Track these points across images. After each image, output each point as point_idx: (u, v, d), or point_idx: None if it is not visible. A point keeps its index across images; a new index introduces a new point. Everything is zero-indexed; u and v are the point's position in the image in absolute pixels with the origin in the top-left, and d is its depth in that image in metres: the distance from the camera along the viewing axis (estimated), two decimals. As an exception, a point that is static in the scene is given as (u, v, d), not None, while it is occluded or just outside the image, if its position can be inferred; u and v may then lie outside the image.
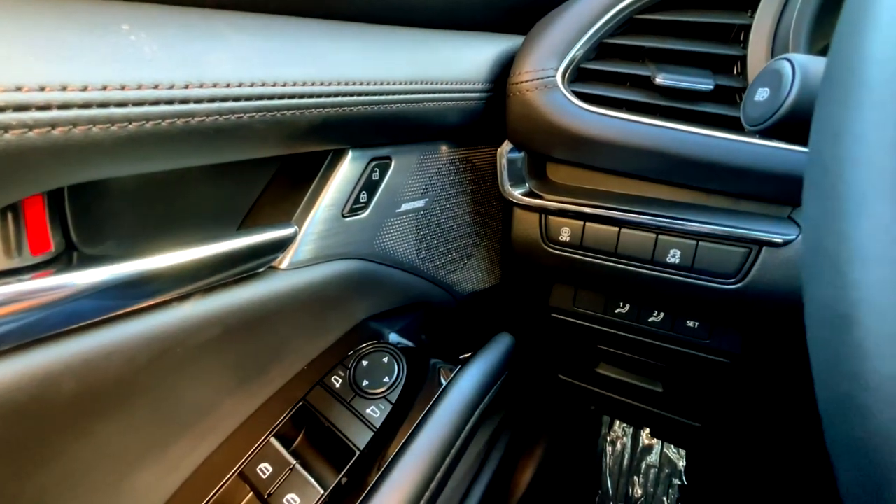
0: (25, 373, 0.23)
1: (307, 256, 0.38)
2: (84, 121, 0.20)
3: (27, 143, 0.19)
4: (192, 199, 0.35)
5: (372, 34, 0.36)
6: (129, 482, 0.34)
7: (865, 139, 0.13)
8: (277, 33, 0.29)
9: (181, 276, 0.29)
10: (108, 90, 0.20)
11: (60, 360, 0.25)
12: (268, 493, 0.35)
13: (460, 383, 0.40)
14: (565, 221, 0.49)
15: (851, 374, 0.12)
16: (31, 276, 0.23)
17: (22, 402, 0.24)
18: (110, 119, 0.21)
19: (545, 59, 0.43)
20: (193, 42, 0.24)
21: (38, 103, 0.19)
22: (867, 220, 0.12)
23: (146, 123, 0.22)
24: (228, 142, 0.27)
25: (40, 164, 0.20)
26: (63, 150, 0.20)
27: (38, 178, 0.21)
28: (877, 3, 0.14)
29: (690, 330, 0.51)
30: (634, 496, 1.12)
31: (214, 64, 0.24)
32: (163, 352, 0.30)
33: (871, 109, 0.13)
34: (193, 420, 0.36)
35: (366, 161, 0.40)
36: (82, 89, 0.20)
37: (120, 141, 0.22)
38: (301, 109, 0.29)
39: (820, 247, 0.14)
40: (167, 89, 0.22)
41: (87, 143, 0.20)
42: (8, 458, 0.26)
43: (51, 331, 0.24)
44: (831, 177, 0.14)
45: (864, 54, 0.14)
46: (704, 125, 0.41)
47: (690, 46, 0.42)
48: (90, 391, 0.27)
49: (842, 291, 0.13)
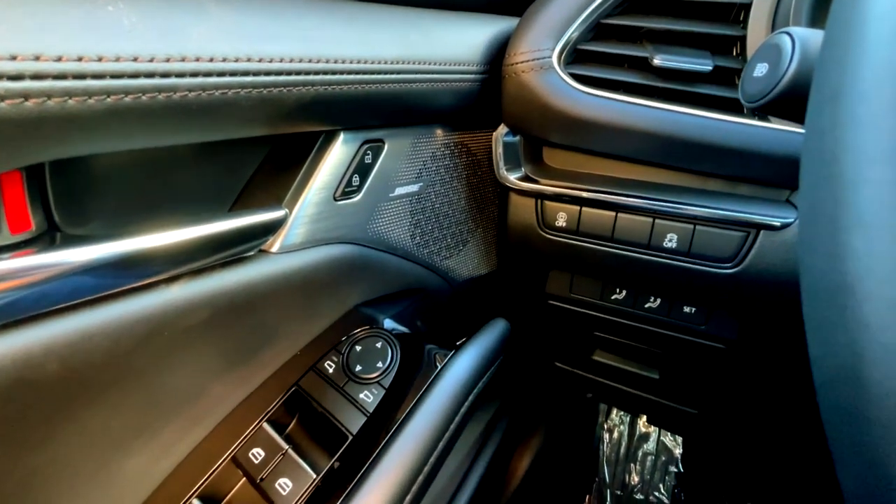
0: (6, 354, 0.23)
1: (298, 240, 0.37)
2: (59, 92, 0.19)
3: (6, 118, 0.18)
4: (181, 179, 0.34)
5: (364, 12, 0.35)
6: (119, 467, 0.33)
7: (866, 98, 0.12)
8: (264, 8, 0.28)
9: (168, 258, 0.29)
10: (83, 61, 0.20)
11: (41, 342, 0.24)
12: (260, 478, 0.35)
13: (454, 368, 0.40)
14: (562, 206, 0.48)
15: (850, 346, 0.12)
16: (9, 255, 0.23)
17: (5, 384, 0.23)
18: (87, 91, 0.20)
19: (541, 39, 0.42)
20: (176, 14, 0.24)
21: (10, 73, 0.18)
22: (868, 185, 0.12)
23: (125, 97, 0.21)
24: (214, 119, 0.26)
25: (13, 137, 0.19)
26: (37, 124, 0.19)
27: (12, 153, 0.20)
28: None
29: (687, 316, 0.51)
30: (631, 483, 1.13)
31: (198, 37, 0.24)
32: (149, 335, 0.29)
33: (872, 68, 0.12)
34: (185, 405, 0.36)
35: (358, 144, 0.39)
36: (56, 59, 0.19)
37: (97, 115, 0.21)
38: (289, 87, 0.28)
39: (818, 215, 0.13)
40: (147, 62, 0.22)
41: (63, 117, 0.20)
42: (-6, 441, 0.26)
43: (31, 311, 0.23)
44: (829, 141, 0.13)
45: (864, 12, 0.13)
46: (703, 107, 0.40)
47: (689, 26, 0.41)
48: (75, 374, 0.26)
49: (841, 261, 0.12)
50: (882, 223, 0.11)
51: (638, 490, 1.13)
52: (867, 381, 0.11)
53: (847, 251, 0.12)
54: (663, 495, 1.10)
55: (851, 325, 0.12)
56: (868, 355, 0.11)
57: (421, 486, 0.35)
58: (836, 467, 0.13)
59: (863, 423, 0.12)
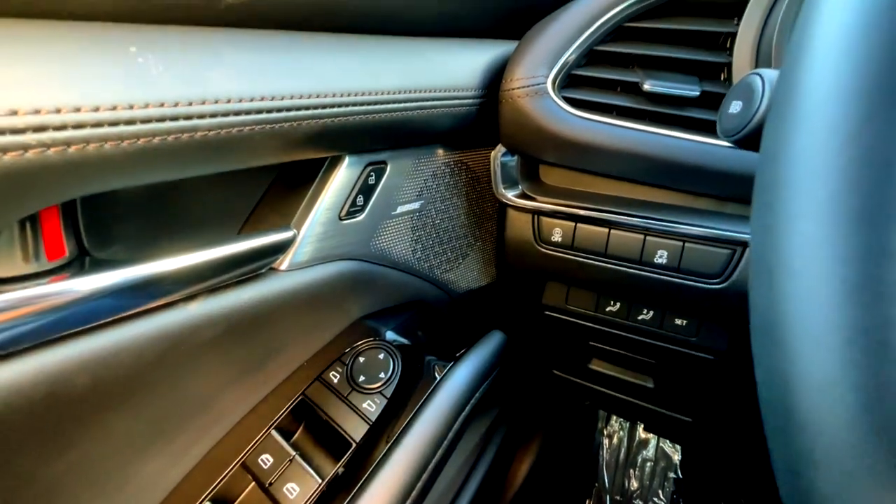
0: (42, 370, 0.25)
1: (306, 258, 0.39)
2: (97, 138, 0.22)
3: (46, 160, 0.20)
4: (197, 204, 0.36)
5: (366, 45, 0.37)
6: (137, 472, 0.36)
7: (798, 164, 0.14)
8: (274, 48, 0.30)
9: (187, 278, 0.31)
10: (118, 110, 0.22)
11: (74, 358, 0.26)
12: (269, 483, 0.37)
13: (453, 378, 0.42)
14: (557, 223, 0.50)
15: (784, 378, 0.14)
16: (47, 280, 0.25)
17: (39, 396, 0.26)
18: (121, 136, 0.22)
19: (536, 66, 0.44)
20: (195, 60, 0.26)
21: (55, 124, 0.20)
22: (796, 237, 0.14)
23: (154, 139, 0.24)
24: (230, 153, 0.29)
25: (57, 178, 0.22)
26: (78, 166, 0.22)
27: (54, 191, 0.22)
28: (815, 36, 0.15)
29: (679, 327, 0.53)
30: (630, 489, 1.14)
31: (215, 80, 0.26)
32: (169, 349, 0.32)
33: (804, 136, 0.14)
34: (198, 414, 0.38)
35: (362, 166, 0.41)
36: (94, 109, 0.21)
37: (130, 156, 0.23)
38: (298, 121, 0.30)
39: (760, 257, 0.15)
40: (172, 106, 0.24)
41: (100, 159, 0.22)
42: (26, 448, 0.28)
43: (66, 330, 0.26)
44: (769, 195, 0.15)
45: (800, 84, 0.15)
46: (691, 130, 0.42)
47: (677, 53, 0.43)
48: (102, 387, 0.29)
49: (774, 300, 0.14)
50: (806, 271, 0.13)
51: (637, 496, 1.14)
52: (794, 409, 0.13)
53: (779, 294, 0.14)
54: (662, 501, 1.11)
55: (784, 357, 0.14)
56: (795, 386, 0.13)
57: (420, 491, 0.37)
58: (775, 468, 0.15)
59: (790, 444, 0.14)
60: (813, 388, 0.13)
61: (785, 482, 0.14)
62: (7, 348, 0.24)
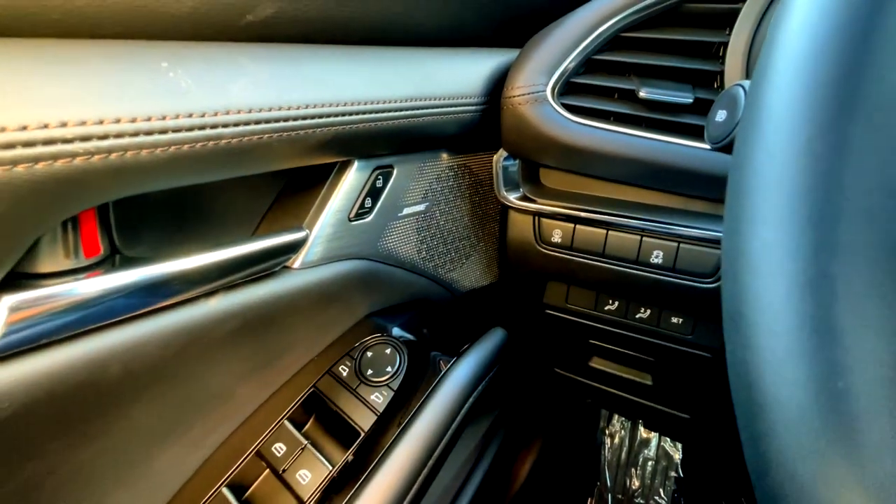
0: (80, 357, 0.27)
1: (317, 257, 0.41)
2: (134, 147, 0.24)
3: (90, 167, 0.23)
4: (216, 206, 0.39)
5: (375, 56, 0.39)
6: (158, 458, 0.38)
7: (758, 174, 0.16)
8: (291, 61, 0.33)
9: (208, 275, 0.33)
10: (152, 120, 0.24)
11: (108, 348, 0.29)
12: (282, 470, 0.40)
13: (456, 373, 0.44)
14: (557, 224, 0.52)
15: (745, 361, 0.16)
16: (85, 275, 0.27)
17: (76, 384, 0.28)
18: (155, 144, 0.25)
19: (536, 74, 0.46)
20: (220, 74, 0.28)
21: (99, 134, 0.23)
22: (756, 239, 0.16)
23: (183, 147, 0.26)
24: (250, 159, 0.31)
25: (99, 183, 0.24)
26: (117, 172, 0.24)
27: (95, 195, 0.25)
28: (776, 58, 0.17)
29: (675, 326, 0.54)
30: (632, 487, 1.15)
31: (238, 92, 0.28)
32: (191, 342, 0.34)
33: (763, 149, 0.16)
34: (215, 404, 0.40)
35: (370, 170, 0.43)
36: (132, 120, 0.24)
37: (162, 162, 0.25)
38: (313, 128, 0.33)
39: (727, 256, 0.17)
40: (200, 117, 0.26)
41: (136, 165, 0.24)
42: (60, 434, 0.30)
43: (101, 322, 0.28)
44: (735, 201, 0.17)
45: (761, 102, 0.17)
46: (685, 135, 0.44)
47: (672, 62, 0.45)
48: (131, 377, 0.31)
49: (738, 293, 0.16)
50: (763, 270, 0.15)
51: (638, 494, 1.15)
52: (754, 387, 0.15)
53: (741, 288, 0.16)
54: (664, 500, 1.12)
55: (745, 344, 0.16)
56: (754, 367, 0.15)
57: (426, 478, 0.39)
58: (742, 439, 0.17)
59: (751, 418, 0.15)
60: (768, 369, 0.15)
61: (748, 451, 0.16)
62: (49, 337, 0.26)
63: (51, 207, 0.23)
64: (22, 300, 0.24)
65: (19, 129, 0.20)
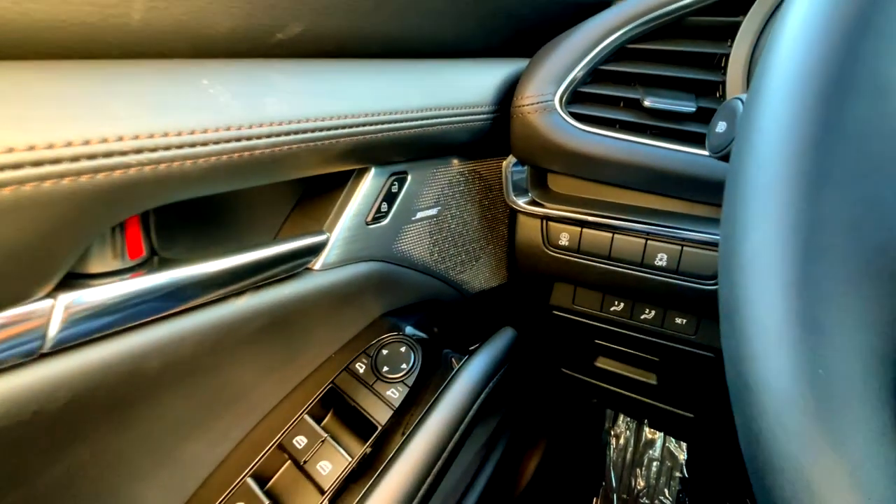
0: (125, 351, 0.30)
1: (336, 259, 0.44)
2: (180, 158, 0.26)
3: (142, 177, 0.25)
4: (242, 210, 0.41)
5: (392, 68, 0.41)
6: (188, 448, 0.40)
7: (750, 184, 0.18)
8: (316, 75, 0.35)
9: (237, 276, 0.36)
10: (196, 134, 0.27)
11: (149, 342, 0.31)
12: (303, 461, 0.42)
13: (468, 370, 0.46)
14: (564, 228, 0.54)
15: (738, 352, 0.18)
16: (129, 275, 0.30)
17: (121, 376, 0.30)
18: (197, 156, 0.27)
19: (545, 84, 0.48)
20: (254, 89, 0.30)
21: (150, 146, 0.25)
22: (748, 244, 0.18)
23: (222, 157, 0.28)
24: (279, 167, 0.33)
25: (147, 191, 0.26)
26: (163, 181, 0.26)
27: (143, 202, 0.27)
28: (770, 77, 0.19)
29: (679, 326, 0.56)
30: (637, 488, 1.17)
31: (270, 106, 0.31)
32: (221, 339, 0.36)
33: (754, 163, 0.18)
34: (241, 398, 0.42)
35: (386, 176, 0.45)
36: (178, 134, 0.26)
37: (202, 171, 0.28)
38: (336, 138, 0.35)
39: (723, 259, 0.19)
40: (237, 129, 0.28)
41: (180, 175, 0.27)
42: (104, 422, 0.32)
43: (143, 318, 0.30)
44: (730, 209, 0.19)
45: (754, 120, 0.19)
46: (688, 143, 0.46)
47: (675, 72, 0.47)
48: (168, 370, 0.33)
49: (732, 291, 0.18)
50: (756, 267, 0.17)
51: (643, 494, 1.16)
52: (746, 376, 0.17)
53: (735, 287, 0.18)
54: (668, 500, 1.13)
55: (739, 336, 0.18)
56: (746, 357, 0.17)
57: (440, 470, 0.41)
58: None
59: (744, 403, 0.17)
60: (759, 358, 0.17)
61: (741, 432, 0.18)
62: (99, 332, 0.28)
63: (105, 213, 0.25)
64: (76, 298, 0.27)
65: (83, 143, 0.23)
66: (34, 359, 0.26)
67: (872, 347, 0.16)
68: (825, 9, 0.19)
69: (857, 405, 0.16)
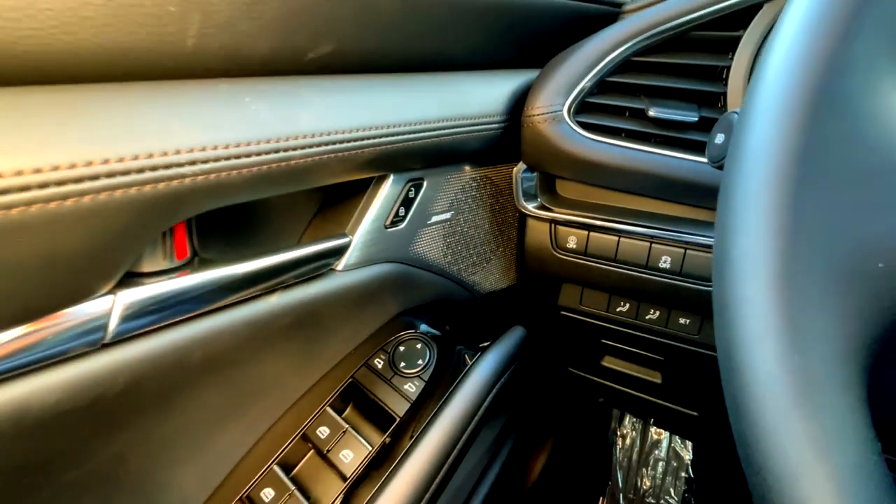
0: (172, 343, 0.33)
1: (357, 260, 0.46)
2: (226, 169, 0.29)
3: (194, 186, 0.28)
4: (270, 214, 0.44)
5: (412, 82, 0.44)
6: (221, 436, 0.43)
7: (738, 194, 0.21)
8: (344, 90, 0.38)
9: (268, 275, 0.38)
10: (240, 146, 0.29)
11: (192, 336, 0.34)
12: (326, 450, 0.44)
13: (480, 366, 0.48)
14: (572, 231, 0.56)
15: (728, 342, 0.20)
16: (176, 274, 0.33)
17: (167, 366, 0.33)
18: (239, 167, 0.30)
19: (554, 95, 0.51)
20: (290, 104, 0.33)
21: (202, 159, 0.28)
22: (736, 247, 0.20)
23: (262, 168, 0.31)
24: (309, 175, 0.36)
25: (196, 199, 0.29)
26: (210, 190, 0.29)
27: (192, 208, 0.30)
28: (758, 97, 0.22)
29: (682, 326, 0.58)
30: (643, 487, 1.18)
31: (304, 120, 0.33)
32: (254, 333, 0.39)
33: (742, 175, 0.21)
34: (268, 390, 0.45)
35: (403, 182, 0.48)
36: (225, 147, 0.29)
37: (243, 181, 0.31)
38: (361, 149, 0.38)
39: (715, 260, 0.22)
40: (275, 142, 0.31)
41: (226, 184, 0.30)
42: (150, 410, 0.35)
43: (187, 314, 0.33)
44: (722, 216, 0.22)
45: (741, 136, 0.22)
46: (690, 151, 0.48)
47: (678, 84, 0.50)
48: (208, 362, 0.36)
49: (723, 289, 0.21)
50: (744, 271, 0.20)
51: (650, 494, 1.17)
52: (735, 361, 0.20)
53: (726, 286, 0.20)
54: (674, 499, 1.15)
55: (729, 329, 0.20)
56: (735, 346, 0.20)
57: (455, 459, 0.43)
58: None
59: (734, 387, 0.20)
60: (745, 345, 0.20)
61: (730, 406, 0.20)
62: (150, 326, 0.31)
63: (162, 218, 0.28)
64: (133, 295, 0.30)
65: (147, 156, 0.25)
66: (97, 349, 0.29)
67: (844, 337, 0.19)
68: (809, 34, 0.22)
69: (829, 385, 0.18)
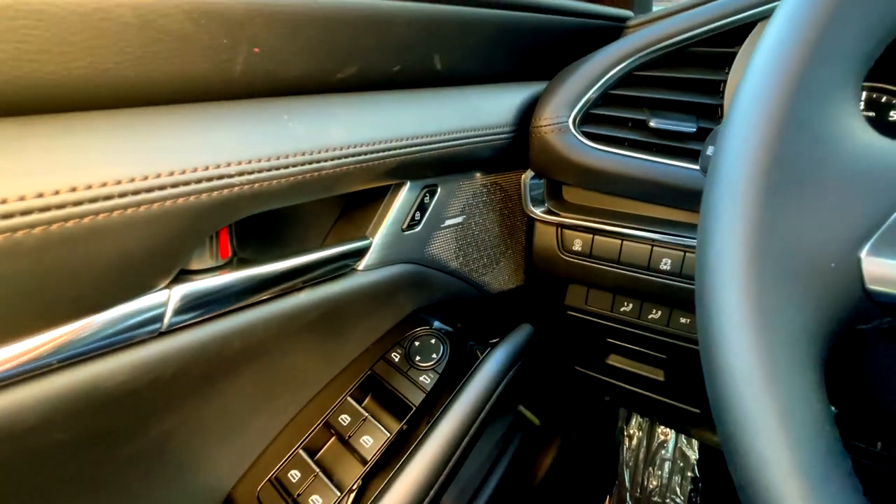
0: (215, 333, 0.37)
1: (376, 261, 0.50)
2: (268, 179, 0.33)
3: (240, 194, 0.32)
4: (297, 218, 0.48)
5: (429, 98, 0.48)
6: (253, 421, 0.47)
7: (714, 202, 0.24)
8: (367, 106, 0.42)
9: (297, 273, 0.42)
10: (280, 159, 0.33)
11: (232, 328, 0.38)
12: (348, 436, 0.48)
13: (491, 360, 0.52)
14: (577, 234, 0.60)
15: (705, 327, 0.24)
16: (219, 272, 0.37)
17: (211, 354, 0.37)
18: (280, 177, 0.34)
19: (560, 108, 0.54)
20: (321, 119, 0.37)
21: (248, 170, 0.32)
22: (712, 249, 0.23)
23: (297, 177, 0.35)
24: (336, 184, 0.40)
25: (240, 206, 0.33)
26: (253, 198, 0.33)
27: (236, 214, 0.34)
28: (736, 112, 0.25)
29: (684, 325, 0.61)
30: (649, 487, 1.20)
31: (334, 134, 0.37)
32: (284, 327, 0.43)
33: (717, 184, 0.24)
34: (295, 379, 0.49)
35: (419, 189, 0.52)
36: (267, 160, 0.33)
37: (280, 189, 0.35)
38: (383, 159, 0.41)
39: (697, 260, 0.25)
40: (309, 155, 0.35)
41: (267, 192, 0.33)
42: (194, 393, 0.39)
43: (229, 307, 0.37)
44: (702, 221, 0.25)
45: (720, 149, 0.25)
46: (688, 159, 0.51)
47: (678, 96, 0.53)
48: (246, 352, 0.40)
49: (702, 284, 0.24)
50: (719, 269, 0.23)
51: (656, 493, 1.19)
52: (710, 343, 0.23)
53: (703, 281, 0.24)
54: (680, 499, 1.17)
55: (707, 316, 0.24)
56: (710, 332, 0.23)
57: (466, 446, 0.47)
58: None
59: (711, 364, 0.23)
60: (720, 330, 0.23)
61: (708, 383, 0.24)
62: (198, 317, 0.35)
63: (212, 222, 0.32)
64: (185, 289, 0.34)
65: (204, 168, 0.29)
66: (155, 336, 0.33)
67: (805, 327, 0.22)
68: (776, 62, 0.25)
69: (792, 366, 0.21)
